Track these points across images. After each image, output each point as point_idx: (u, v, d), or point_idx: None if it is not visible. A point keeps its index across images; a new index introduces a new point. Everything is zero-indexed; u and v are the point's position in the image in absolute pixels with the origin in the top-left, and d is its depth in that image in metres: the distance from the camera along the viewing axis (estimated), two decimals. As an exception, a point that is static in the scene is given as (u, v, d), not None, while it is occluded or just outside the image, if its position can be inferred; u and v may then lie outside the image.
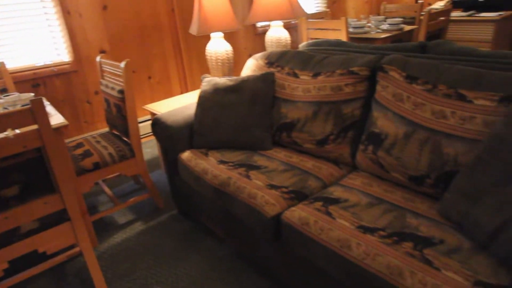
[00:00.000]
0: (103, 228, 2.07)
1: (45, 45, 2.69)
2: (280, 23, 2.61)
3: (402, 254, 1.04)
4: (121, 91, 1.94)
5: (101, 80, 2.22)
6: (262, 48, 3.99)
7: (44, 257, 1.83)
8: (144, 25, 3.10)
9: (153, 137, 3.34)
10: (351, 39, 3.36)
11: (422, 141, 1.31)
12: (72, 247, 1.88)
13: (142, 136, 3.29)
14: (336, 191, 1.39)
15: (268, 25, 3.98)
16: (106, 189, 2.24)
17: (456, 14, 4.25)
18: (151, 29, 3.15)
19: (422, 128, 1.32)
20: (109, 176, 2.40)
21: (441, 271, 0.97)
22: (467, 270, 0.96)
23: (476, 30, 4.07)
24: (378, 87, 1.52)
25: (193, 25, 2.27)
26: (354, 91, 1.59)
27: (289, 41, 2.62)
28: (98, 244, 1.92)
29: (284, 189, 1.44)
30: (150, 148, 3.12)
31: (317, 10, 4.30)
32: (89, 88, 2.93)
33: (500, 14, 3.93)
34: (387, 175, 1.44)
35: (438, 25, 3.66)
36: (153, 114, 2.35)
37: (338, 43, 2.01)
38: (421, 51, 1.67)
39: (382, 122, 1.46)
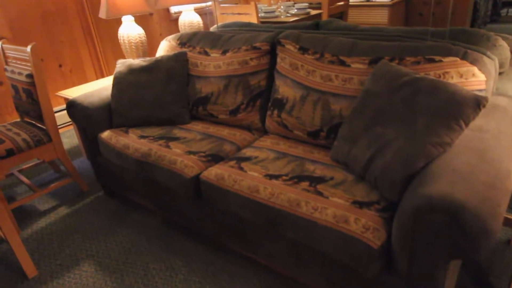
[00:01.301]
0: (24, 216, 2.02)
1: None
2: (191, 7, 2.71)
3: (300, 190, 1.27)
4: (29, 75, 1.89)
5: (6, 67, 2.12)
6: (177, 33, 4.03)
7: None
8: (48, 11, 2.96)
9: (70, 127, 3.23)
10: (263, 23, 3.59)
11: (314, 101, 1.56)
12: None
13: (58, 127, 3.16)
14: (248, 152, 1.59)
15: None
16: (23, 179, 2.17)
17: (355, -1, 4.72)
18: (56, 15, 3.01)
19: (314, 91, 1.57)
20: (25, 166, 2.32)
21: (328, 198, 1.21)
22: (348, 195, 1.22)
23: (374, 14, 4.59)
24: (278, 59, 1.74)
25: (102, 9, 2.27)
26: (259, 64, 1.78)
27: (201, 25, 2.74)
28: (21, 232, 1.89)
29: (202, 154, 1.59)
30: (68, 138, 3.02)
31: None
32: (-9, 79, 2.73)
33: (392, 0, 4.48)
34: (291, 134, 1.67)
35: (338, 9, 4.06)
36: (67, 101, 2.31)
37: (245, 24, 2.19)
38: (315, 28, 1.93)
39: (283, 89, 1.68)
